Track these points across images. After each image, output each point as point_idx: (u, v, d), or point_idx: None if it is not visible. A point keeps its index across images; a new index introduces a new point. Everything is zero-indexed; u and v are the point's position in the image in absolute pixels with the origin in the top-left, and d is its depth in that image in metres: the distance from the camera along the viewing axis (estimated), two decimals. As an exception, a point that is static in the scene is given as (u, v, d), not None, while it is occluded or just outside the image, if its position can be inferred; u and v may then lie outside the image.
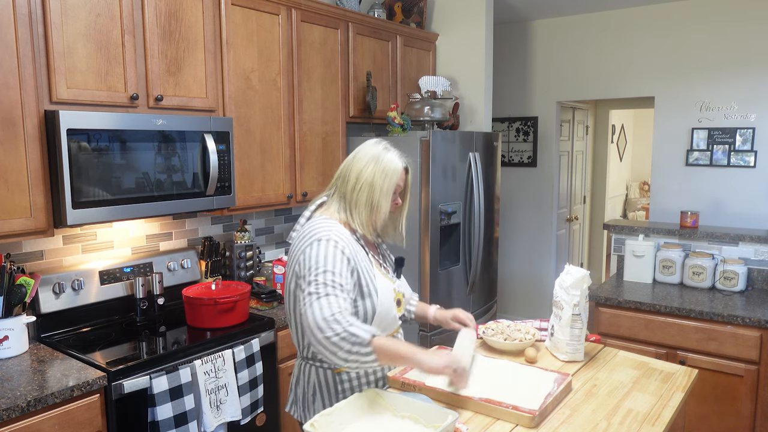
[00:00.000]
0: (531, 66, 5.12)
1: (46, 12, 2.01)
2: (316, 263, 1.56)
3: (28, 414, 1.76)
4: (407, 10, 3.92)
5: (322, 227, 1.64)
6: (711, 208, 4.32)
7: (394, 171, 1.69)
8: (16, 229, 1.99)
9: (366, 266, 1.67)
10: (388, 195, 1.69)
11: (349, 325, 1.48)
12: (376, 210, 1.68)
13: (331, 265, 1.56)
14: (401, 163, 1.72)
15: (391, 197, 1.71)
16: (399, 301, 1.79)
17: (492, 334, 2.06)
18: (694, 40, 4.34)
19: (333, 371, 1.71)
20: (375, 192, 1.67)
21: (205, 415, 2.17)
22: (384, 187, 1.67)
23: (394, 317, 1.76)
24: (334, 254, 1.58)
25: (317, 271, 1.55)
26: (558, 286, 2.01)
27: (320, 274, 1.55)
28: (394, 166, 1.69)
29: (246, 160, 2.74)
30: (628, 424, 1.53)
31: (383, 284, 1.71)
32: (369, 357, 1.48)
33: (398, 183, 1.72)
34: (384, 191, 1.68)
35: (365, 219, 1.69)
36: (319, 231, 1.63)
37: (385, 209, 1.70)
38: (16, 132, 1.97)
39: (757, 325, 2.66)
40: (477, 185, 3.40)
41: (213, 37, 2.55)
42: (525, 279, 5.35)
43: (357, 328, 1.48)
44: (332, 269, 1.55)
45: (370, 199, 1.67)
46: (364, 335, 1.47)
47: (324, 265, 1.56)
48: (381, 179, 1.67)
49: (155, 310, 2.60)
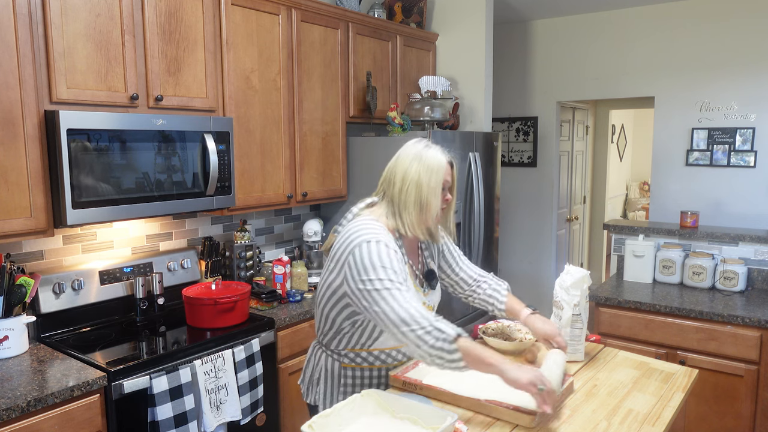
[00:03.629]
0: (531, 66, 5.12)
1: (46, 12, 2.01)
2: (379, 260, 1.55)
3: (28, 414, 1.76)
4: (407, 10, 3.92)
5: (370, 228, 1.63)
6: (711, 208, 4.32)
7: (439, 166, 1.67)
8: (16, 229, 1.99)
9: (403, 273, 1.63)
10: (436, 192, 1.66)
11: (435, 320, 1.48)
12: (426, 208, 1.65)
13: (390, 262, 1.55)
14: (445, 158, 1.70)
15: (440, 194, 1.67)
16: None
17: (492, 334, 2.06)
18: (694, 40, 4.34)
19: (340, 364, 1.74)
20: (423, 190, 1.64)
21: (205, 415, 2.17)
22: (431, 183, 1.65)
23: None
24: (388, 254, 1.57)
25: (381, 267, 1.54)
26: (558, 286, 2.01)
27: (387, 271, 1.54)
28: (438, 162, 1.67)
29: (246, 160, 2.74)
30: (628, 424, 1.53)
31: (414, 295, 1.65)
32: (454, 355, 1.45)
33: (445, 178, 1.69)
34: (432, 188, 1.65)
35: (415, 219, 1.66)
36: (368, 232, 1.61)
37: (436, 206, 1.66)
38: (16, 132, 1.97)
39: (757, 325, 2.66)
40: (477, 185, 3.40)
41: (213, 37, 2.55)
42: (525, 279, 5.34)
43: (444, 324, 1.48)
44: (392, 267, 1.55)
45: (418, 198, 1.65)
46: (450, 332, 1.46)
47: (388, 263, 1.55)
48: (427, 177, 1.65)
49: (155, 310, 2.60)
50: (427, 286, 1.79)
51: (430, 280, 1.80)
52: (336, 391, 1.76)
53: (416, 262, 1.80)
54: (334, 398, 1.77)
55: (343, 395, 1.75)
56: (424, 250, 1.86)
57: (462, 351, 1.45)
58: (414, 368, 1.79)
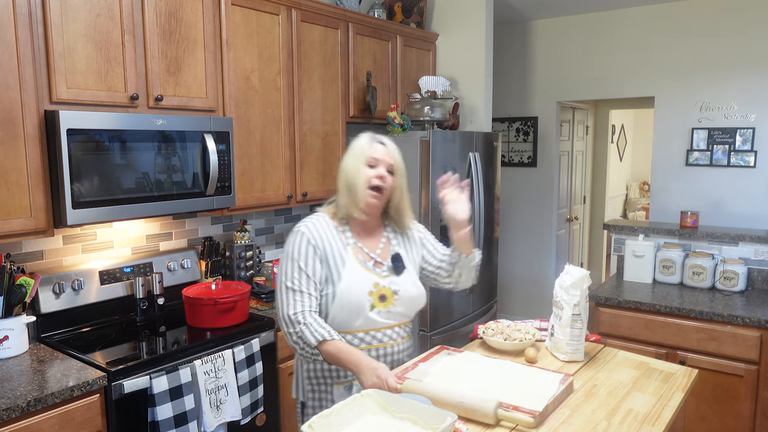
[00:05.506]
0: (531, 66, 5.12)
1: (46, 12, 2.01)
2: (292, 252, 1.76)
3: (28, 414, 1.76)
4: (407, 10, 3.92)
5: (302, 221, 1.83)
6: (711, 208, 4.32)
7: (360, 148, 1.80)
8: (16, 229, 1.99)
9: (338, 254, 1.77)
10: (359, 170, 1.77)
11: (304, 326, 1.68)
12: (353, 188, 1.77)
13: (298, 254, 1.75)
14: (367, 140, 1.82)
15: (363, 171, 1.76)
16: (384, 296, 1.77)
17: (492, 334, 2.06)
18: (694, 40, 4.34)
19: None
20: (349, 173, 1.78)
21: (205, 415, 2.17)
22: (355, 164, 1.78)
23: (360, 309, 1.74)
24: (300, 244, 1.76)
25: (292, 260, 1.75)
26: (558, 286, 2.01)
27: (292, 265, 1.74)
28: (359, 145, 1.81)
29: (246, 160, 2.74)
30: (628, 424, 1.53)
31: (354, 274, 1.75)
32: (319, 357, 1.70)
33: (371, 156, 1.78)
34: (355, 168, 1.77)
35: (346, 200, 1.79)
36: (300, 223, 1.81)
37: (362, 185, 1.76)
38: (16, 132, 1.97)
39: (757, 325, 2.66)
40: (477, 185, 3.40)
41: (213, 37, 2.55)
42: (525, 279, 5.34)
43: (309, 332, 1.67)
44: (298, 258, 1.74)
45: (345, 181, 1.79)
46: (311, 340, 1.67)
47: (295, 256, 1.75)
48: (351, 160, 1.80)
49: (155, 310, 2.60)
50: (390, 269, 1.81)
51: (395, 263, 1.82)
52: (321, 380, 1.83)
53: (374, 245, 1.84)
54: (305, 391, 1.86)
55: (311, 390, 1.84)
56: (392, 239, 1.88)
57: (323, 355, 1.68)
58: (414, 368, 1.79)
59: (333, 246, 1.77)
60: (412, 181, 3.14)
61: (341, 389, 1.78)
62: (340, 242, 1.79)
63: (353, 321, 1.75)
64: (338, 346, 1.66)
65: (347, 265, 1.76)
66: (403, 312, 1.83)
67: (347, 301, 1.73)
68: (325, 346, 1.67)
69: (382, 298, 1.77)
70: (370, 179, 1.76)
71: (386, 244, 1.87)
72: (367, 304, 1.75)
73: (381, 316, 1.78)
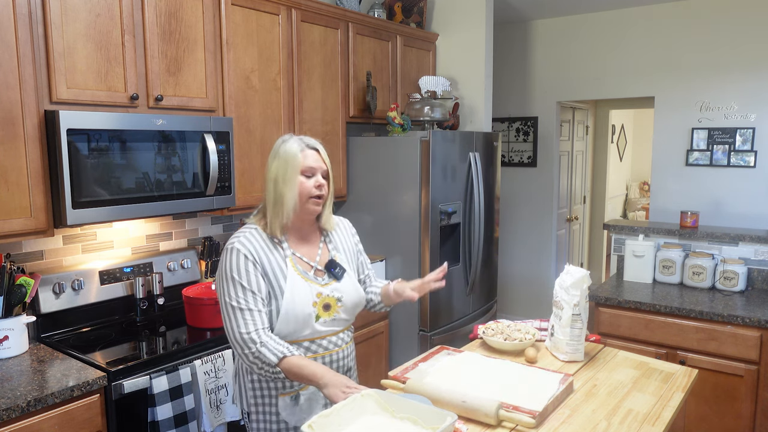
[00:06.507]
0: (531, 66, 5.12)
1: (46, 12, 2.01)
2: (231, 271, 1.64)
3: (28, 414, 1.76)
4: (407, 10, 3.92)
5: (235, 236, 1.71)
6: (711, 208, 4.32)
7: (292, 156, 1.68)
8: (16, 229, 1.99)
9: (277, 268, 1.68)
10: (293, 183, 1.67)
11: (261, 346, 1.60)
12: (281, 202, 1.68)
13: (238, 273, 1.64)
14: (298, 146, 1.70)
15: (297, 184, 1.68)
16: (328, 305, 1.73)
17: (492, 334, 2.06)
18: (694, 40, 4.34)
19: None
20: (278, 185, 1.68)
21: (205, 415, 2.17)
22: (286, 176, 1.67)
23: (306, 321, 1.69)
24: (237, 262, 1.65)
25: (231, 279, 1.64)
26: (558, 286, 2.01)
27: (233, 285, 1.63)
28: (291, 152, 1.69)
29: (246, 160, 2.74)
30: (628, 424, 1.53)
31: (297, 287, 1.68)
32: (279, 375, 1.61)
33: (307, 165, 1.69)
34: (289, 179, 1.67)
35: (272, 215, 1.70)
36: (232, 239, 1.70)
37: (291, 198, 1.67)
38: (16, 132, 1.97)
39: (757, 325, 2.66)
40: (477, 185, 3.40)
41: (213, 37, 2.55)
42: (525, 279, 5.35)
43: (267, 351, 1.59)
44: (239, 279, 1.63)
45: (273, 194, 1.69)
46: (272, 359, 1.59)
47: (235, 276, 1.64)
48: (283, 171, 1.68)
49: (155, 310, 2.60)
50: (329, 276, 1.77)
51: (332, 270, 1.78)
52: (246, 394, 1.77)
53: (312, 253, 1.79)
54: (248, 403, 1.78)
55: (254, 403, 1.76)
56: (328, 243, 1.84)
57: (284, 372, 1.60)
58: (414, 368, 1.79)
59: (271, 260, 1.68)
60: (412, 181, 3.16)
61: (287, 399, 1.72)
62: (278, 254, 1.70)
63: (299, 333, 1.69)
64: (298, 362, 1.59)
65: (288, 278, 1.68)
66: (347, 318, 1.79)
67: (293, 315, 1.66)
68: (286, 364, 1.59)
69: (327, 307, 1.72)
70: (310, 191, 1.69)
71: (324, 249, 1.82)
72: (313, 315, 1.69)
73: (326, 325, 1.73)
